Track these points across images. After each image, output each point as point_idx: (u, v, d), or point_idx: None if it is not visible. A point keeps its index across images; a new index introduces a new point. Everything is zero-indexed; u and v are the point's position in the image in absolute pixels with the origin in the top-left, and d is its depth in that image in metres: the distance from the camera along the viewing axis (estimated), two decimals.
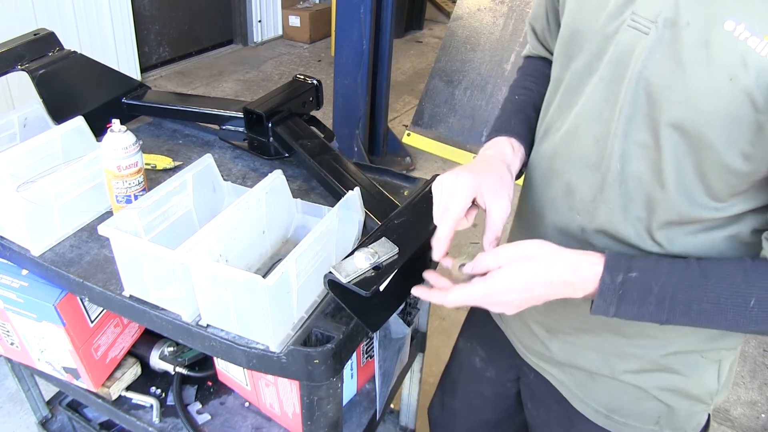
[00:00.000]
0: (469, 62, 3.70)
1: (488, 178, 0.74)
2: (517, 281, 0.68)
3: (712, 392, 0.84)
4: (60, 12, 3.68)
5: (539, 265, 0.68)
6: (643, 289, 0.66)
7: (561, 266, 0.68)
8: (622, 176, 0.70)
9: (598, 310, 0.68)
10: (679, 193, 0.66)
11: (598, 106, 0.71)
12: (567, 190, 0.77)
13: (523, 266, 0.68)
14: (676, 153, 0.64)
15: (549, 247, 0.69)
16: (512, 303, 0.70)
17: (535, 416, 1.03)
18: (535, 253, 0.69)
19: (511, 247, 0.70)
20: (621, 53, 0.66)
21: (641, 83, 0.64)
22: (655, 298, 0.66)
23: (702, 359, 0.81)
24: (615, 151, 0.69)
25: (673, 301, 0.66)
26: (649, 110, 0.65)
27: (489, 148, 0.83)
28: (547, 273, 0.68)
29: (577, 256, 0.68)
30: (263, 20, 5.46)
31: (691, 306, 0.66)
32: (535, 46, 0.96)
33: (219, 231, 0.85)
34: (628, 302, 0.67)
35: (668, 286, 0.66)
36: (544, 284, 0.68)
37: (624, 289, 0.66)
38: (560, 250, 0.69)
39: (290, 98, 1.33)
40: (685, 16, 0.60)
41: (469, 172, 0.74)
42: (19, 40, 1.28)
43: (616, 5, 0.67)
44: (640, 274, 0.66)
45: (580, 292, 0.68)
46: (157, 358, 1.28)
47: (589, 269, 0.67)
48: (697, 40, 0.59)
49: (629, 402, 0.86)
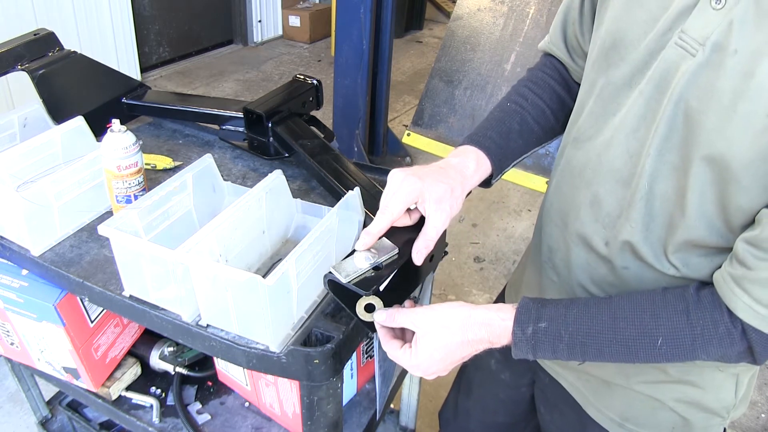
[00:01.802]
0: (469, 62, 3.70)
1: (435, 187, 0.75)
2: (437, 351, 0.72)
3: (729, 406, 0.84)
4: (60, 12, 3.68)
5: (455, 330, 0.71)
6: (553, 338, 0.69)
7: (474, 327, 0.71)
8: (649, 195, 0.69)
9: (518, 356, 0.71)
10: (698, 219, 0.66)
11: (635, 121, 0.69)
12: (593, 201, 0.77)
13: (440, 335, 0.71)
14: (702, 181, 0.63)
15: (462, 310, 0.72)
16: (437, 369, 0.74)
17: (549, 421, 1.02)
18: (450, 320, 0.72)
19: (428, 313, 0.73)
20: (664, 71, 0.65)
21: (680, 105, 0.63)
22: (566, 345, 0.69)
23: (720, 373, 0.80)
24: (646, 170, 0.68)
25: (584, 347, 0.69)
26: (684, 133, 0.64)
27: (457, 155, 0.83)
28: (463, 335, 0.71)
29: (489, 314, 0.72)
30: (263, 20, 5.46)
31: (603, 349, 0.68)
32: (557, 41, 0.91)
33: (219, 231, 0.85)
34: (542, 350, 0.70)
35: (578, 333, 0.68)
36: (463, 345, 0.71)
37: (536, 339, 0.69)
38: (473, 310, 0.72)
39: (290, 98, 1.33)
40: (735, 44, 0.58)
41: (418, 178, 0.75)
42: (19, 40, 1.27)
43: (666, 21, 0.65)
44: (549, 324, 0.69)
45: (497, 345, 0.72)
46: (157, 358, 1.28)
47: (501, 324, 0.71)
48: (741, 70, 0.57)
49: (644, 411, 0.85)
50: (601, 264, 0.78)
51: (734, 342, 0.64)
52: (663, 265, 0.71)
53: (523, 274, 1.02)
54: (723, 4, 0.59)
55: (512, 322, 0.70)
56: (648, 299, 0.68)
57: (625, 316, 0.68)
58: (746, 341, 0.64)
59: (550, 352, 0.70)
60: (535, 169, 3.42)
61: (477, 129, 0.88)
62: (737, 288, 0.62)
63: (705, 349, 0.65)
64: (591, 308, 0.70)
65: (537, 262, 0.93)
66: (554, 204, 0.86)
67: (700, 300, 0.66)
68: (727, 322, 0.63)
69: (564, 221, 0.83)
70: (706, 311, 0.65)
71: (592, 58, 0.78)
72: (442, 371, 0.74)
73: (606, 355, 0.69)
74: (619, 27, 0.71)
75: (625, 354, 0.68)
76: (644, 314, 0.67)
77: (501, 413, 1.14)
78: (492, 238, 3.02)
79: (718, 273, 0.66)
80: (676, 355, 0.66)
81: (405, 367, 0.75)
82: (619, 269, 0.76)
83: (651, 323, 0.66)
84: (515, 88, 0.94)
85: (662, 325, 0.66)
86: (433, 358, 0.72)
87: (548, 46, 0.94)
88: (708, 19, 0.60)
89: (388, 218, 0.74)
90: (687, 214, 0.66)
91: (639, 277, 0.75)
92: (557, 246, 0.85)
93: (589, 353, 0.69)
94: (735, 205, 0.62)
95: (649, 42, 0.67)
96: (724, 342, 0.64)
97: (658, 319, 0.66)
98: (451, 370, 0.76)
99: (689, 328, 0.65)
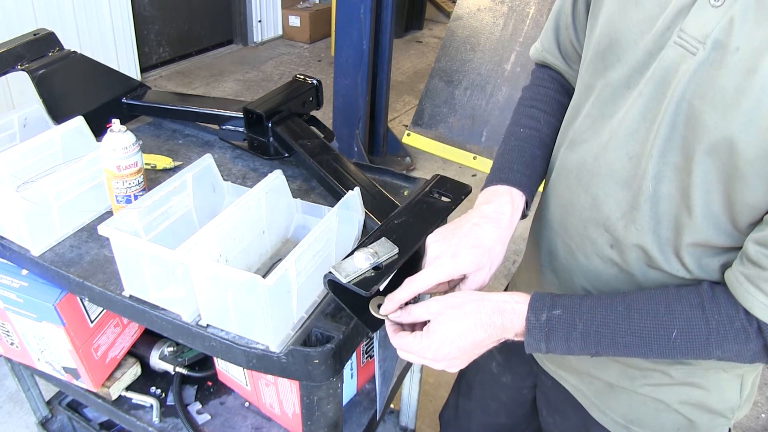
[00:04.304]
0: (469, 62, 3.70)
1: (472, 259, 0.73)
2: (449, 332, 0.70)
3: (734, 407, 0.83)
4: (60, 12, 3.68)
5: (468, 310, 0.70)
6: (567, 326, 0.68)
7: (488, 309, 0.70)
8: (654, 197, 0.68)
9: (530, 347, 0.70)
10: (705, 219, 0.65)
11: (635, 123, 0.68)
12: (593, 204, 0.76)
13: (453, 315, 0.70)
14: (707, 180, 0.62)
15: (477, 294, 0.71)
16: (451, 355, 0.71)
17: (551, 424, 1.02)
18: (462, 301, 0.71)
19: (441, 298, 0.72)
20: (664, 71, 0.64)
21: (682, 105, 0.62)
22: (580, 334, 0.68)
23: (724, 374, 0.80)
24: (649, 172, 0.67)
25: (598, 336, 0.68)
26: (686, 133, 0.63)
27: (489, 199, 0.80)
28: (477, 317, 0.69)
29: (504, 297, 0.71)
30: (263, 20, 5.46)
31: (617, 340, 0.67)
32: (550, 48, 0.90)
33: (219, 231, 0.85)
34: (556, 338, 0.69)
35: (592, 321, 0.68)
36: (476, 327, 0.69)
37: (550, 326, 0.68)
38: (488, 294, 0.71)
39: (290, 98, 1.33)
40: (737, 41, 0.57)
41: (451, 257, 0.72)
42: (19, 40, 1.28)
43: (664, 21, 0.64)
44: (564, 312, 0.68)
45: (510, 332, 0.70)
46: (157, 358, 1.28)
47: (515, 308, 0.70)
48: (744, 67, 0.57)
49: (648, 413, 0.85)
50: (606, 267, 0.77)
51: (750, 339, 0.63)
52: (672, 267, 0.71)
53: (522, 277, 1.01)
54: (722, 1, 0.59)
55: (527, 307, 0.69)
56: (663, 293, 0.68)
57: (640, 308, 0.67)
58: (762, 339, 0.63)
59: (563, 342, 0.68)
60: None
61: (500, 163, 0.85)
62: (752, 287, 0.62)
63: (720, 345, 0.64)
64: (605, 299, 0.69)
65: (536, 265, 0.92)
66: (550, 208, 0.85)
67: (715, 296, 0.65)
68: (742, 319, 0.63)
69: (563, 226, 0.82)
70: (722, 306, 0.64)
71: (586, 59, 0.77)
72: (452, 359, 0.71)
73: (620, 346, 0.68)
74: (615, 27, 0.70)
75: (639, 346, 0.67)
76: (659, 306, 0.66)
77: (502, 415, 1.14)
78: None
79: (730, 272, 0.65)
80: (690, 349, 0.65)
81: (415, 353, 0.72)
82: (627, 272, 0.75)
83: (666, 316, 0.65)
84: (524, 110, 0.91)
85: (677, 318, 0.65)
86: (445, 338, 0.69)
87: (542, 55, 0.92)
88: (707, 16, 0.60)
89: (413, 290, 0.72)
90: (693, 215, 0.65)
91: (646, 280, 0.74)
92: (557, 250, 0.85)
93: (603, 344, 0.68)
94: (741, 203, 0.61)
95: (647, 42, 0.66)
96: (739, 338, 0.64)
97: (674, 312, 0.65)
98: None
99: (704, 322, 0.64)
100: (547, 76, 0.92)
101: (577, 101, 0.80)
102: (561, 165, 0.82)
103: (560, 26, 0.87)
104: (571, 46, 0.87)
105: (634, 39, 0.68)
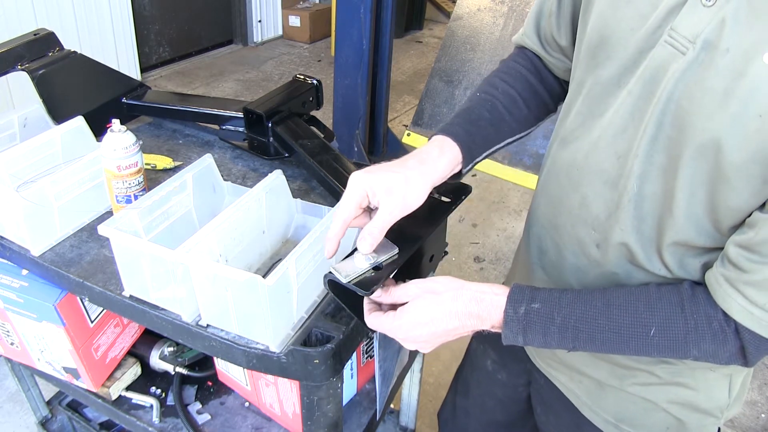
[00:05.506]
0: (469, 62, 3.70)
1: (385, 178, 0.71)
2: (423, 315, 0.69)
3: (723, 406, 0.83)
4: (60, 12, 3.68)
5: (445, 298, 0.69)
6: (545, 320, 0.68)
7: (466, 298, 0.69)
8: (638, 196, 0.68)
9: (507, 339, 0.70)
10: (687, 220, 0.65)
11: (624, 121, 0.68)
12: (582, 203, 0.76)
13: (429, 300, 0.70)
14: (692, 181, 0.62)
15: (456, 281, 0.71)
16: (421, 338, 0.71)
17: (545, 422, 1.02)
18: (441, 287, 0.70)
19: (420, 282, 0.72)
20: (654, 70, 0.63)
21: (670, 105, 0.62)
22: (557, 328, 0.68)
23: (712, 373, 0.80)
24: (634, 171, 0.67)
25: (576, 331, 0.68)
26: (672, 133, 0.62)
27: (425, 145, 0.80)
28: (453, 305, 0.69)
29: (482, 288, 0.70)
30: (263, 20, 5.46)
31: (594, 335, 0.67)
32: (530, 33, 0.90)
33: (219, 231, 0.85)
34: (533, 332, 0.68)
35: (570, 316, 0.68)
36: (450, 316, 0.69)
37: (528, 319, 0.68)
38: (467, 283, 0.71)
39: (290, 98, 1.33)
40: (727, 42, 0.56)
41: (367, 173, 0.72)
42: (19, 40, 1.28)
43: (655, 19, 0.63)
44: (542, 305, 0.68)
45: (487, 323, 0.70)
46: (157, 358, 1.28)
47: (493, 300, 0.69)
48: (733, 69, 0.56)
49: (638, 413, 0.85)
50: (592, 267, 0.77)
51: (727, 340, 0.63)
52: (654, 266, 0.71)
53: (515, 275, 1.01)
54: (714, 1, 0.58)
55: (505, 299, 0.69)
56: (643, 291, 0.68)
57: (619, 304, 0.67)
58: (739, 341, 0.63)
59: (540, 335, 0.68)
60: (535, 169, 3.41)
61: (449, 119, 0.85)
62: (731, 289, 0.62)
63: (697, 344, 0.65)
64: (585, 295, 0.69)
65: (527, 263, 0.92)
66: (541, 206, 0.85)
67: (695, 295, 0.65)
68: (721, 320, 0.63)
69: (553, 223, 0.82)
70: (701, 306, 0.64)
71: (578, 56, 0.77)
72: (423, 342, 0.71)
73: (597, 342, 0.68)
74: (606, 24, 0.69)
75: (617, 342, 0.67)
76: (639, 303, 0.66)
77: (499, 412, 1.14)
78: (492, 238, 3.02)
79: (711, 274, 0.65)
80: (667, 347, 0.66)
81: (387, 332, 0.72)
82: (610, 272, 0.75)
83: (645, 312, 0.66)
84: (487, 80, 0.90)
85: (656, 315, 0.65)
86: (417, 321, 0.69)
87: (521, 39, 0.92)
88: (698, 16, 0.59)
89: (340, 220, 0.72)
90: (675, 215, 0.65)
91: (630, 280, 0.74)
92: (546, 248, 0.85)
93: (581, 339, 0.68)
94: (724, 206, 0.61)
95: (637, 40, 0.65)
96: (717, 339, 0.64)
97: (653, 309, 0.66)
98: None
99: (683, 320, 0.64)
100: (522, 54, 0.92)
101: (569, 99, 0.80)
102: (552, 162, 0.82)
103: (543, 13, 0.87)
104: (551, 35, 0.86)
105: (624, 36, 0.67)
